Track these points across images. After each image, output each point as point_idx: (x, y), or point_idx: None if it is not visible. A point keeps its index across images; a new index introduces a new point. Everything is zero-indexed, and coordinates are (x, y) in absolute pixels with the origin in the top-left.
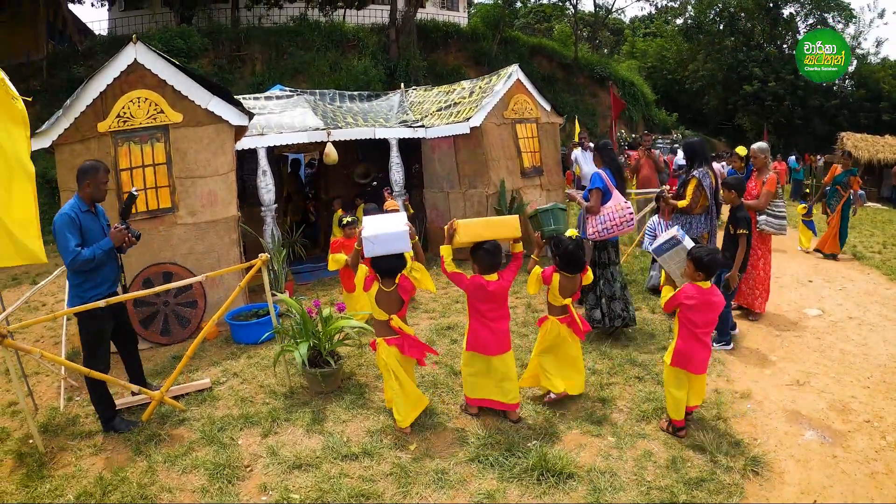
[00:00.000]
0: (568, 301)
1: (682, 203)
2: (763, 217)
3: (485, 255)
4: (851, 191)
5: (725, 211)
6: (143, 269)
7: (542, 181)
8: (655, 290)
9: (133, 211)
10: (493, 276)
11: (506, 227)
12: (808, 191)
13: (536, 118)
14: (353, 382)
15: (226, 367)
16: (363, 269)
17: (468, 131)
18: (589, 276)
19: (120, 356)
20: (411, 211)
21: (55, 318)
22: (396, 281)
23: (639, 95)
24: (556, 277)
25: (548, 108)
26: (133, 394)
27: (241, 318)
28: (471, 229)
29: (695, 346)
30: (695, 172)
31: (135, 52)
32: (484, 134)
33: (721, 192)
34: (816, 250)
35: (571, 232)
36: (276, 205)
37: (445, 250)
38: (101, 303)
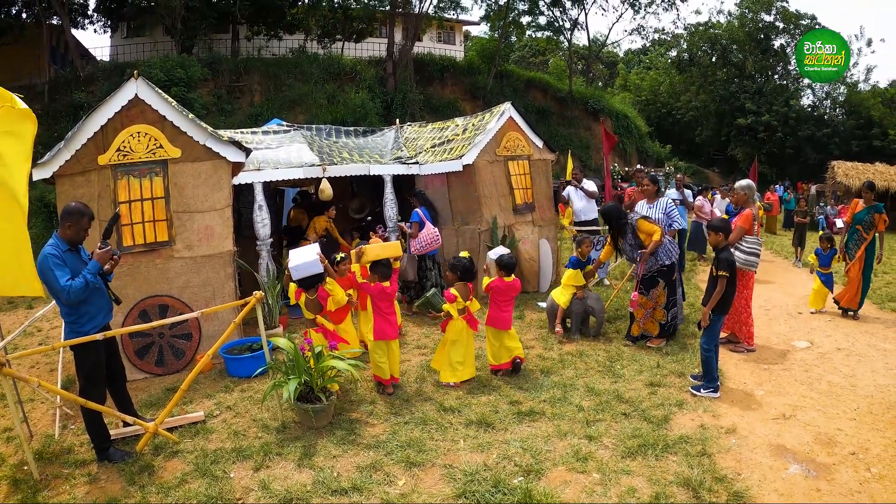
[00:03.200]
0: (467, 304)
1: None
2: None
3: (382, 268)
4: (876, 232)
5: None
6: (140, 301)
7: (533, 217)
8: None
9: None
10: (388, 283)
11: (393, 249)
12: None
13: (529, 155)
14: (344, 418)
15: (219, 401)
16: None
17: (461, 168)
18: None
19: (109, 391)
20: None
21: (53, 349)
22: (316, 292)
23: (632, 128)
24: (455, 290)
25: (540, 144)
26: (126, 424)
27: (235, 352)
28: (373, 251)
29: (499, 314)
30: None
31: (136, 88)
32: (476, 171)
33: (707, 234)
34: (835, 301)
35: (464, 253)
36: (271, 239)
37: (356, 267)
38: (99, 336)
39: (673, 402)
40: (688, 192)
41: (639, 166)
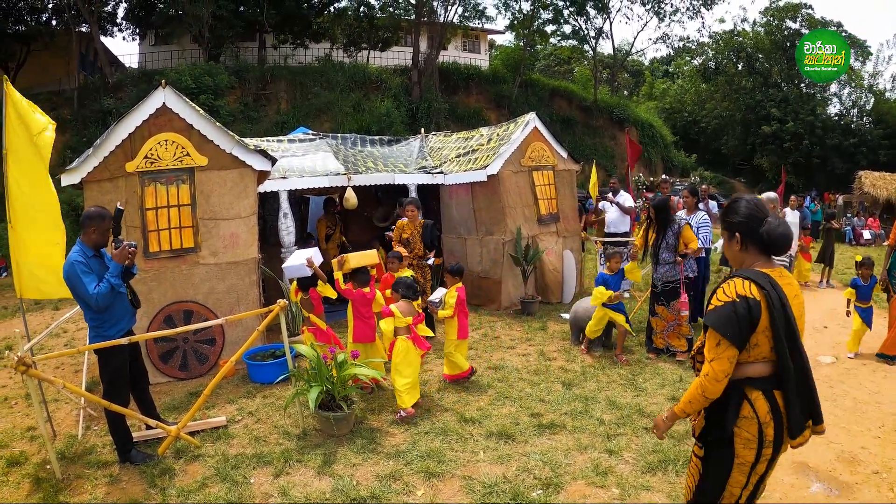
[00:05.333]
0: (409, 320)
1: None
2: None
3: (361, 275)
4: None
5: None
6: (165, 307)
7: (558, 228)
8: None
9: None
10: (367, 289)
11: (371, 258)
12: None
13: (553, 165)
14: (365, 427)
15: (241, 406)
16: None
17: (485, 178)
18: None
19: (132, 395)
20: (438, 261)
21: (78, 352)
22: (309, 293)
23: (657, 137)
24: (396, 307)
25: (564, 155)
26: (149, 427)
27: (258, 358)
28: (354, 259)
29: (464, 322)
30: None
31: (163, 97)
32: (501, 181)
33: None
34: (881, 356)
35: (408, 272)
36: (295, 246)
37: (338, 275)
38: (124, 340)
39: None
40: (712, 204)
41: (664, 176)
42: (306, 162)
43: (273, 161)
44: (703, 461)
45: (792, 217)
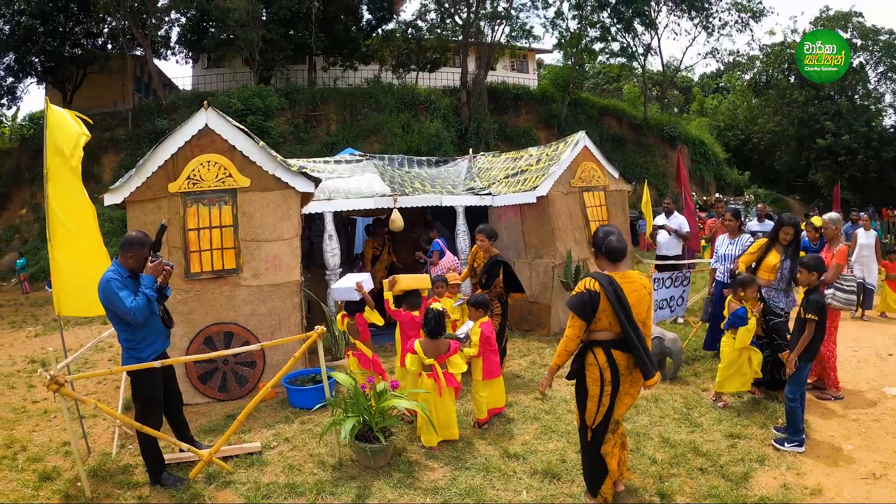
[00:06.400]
0: (431, 361)
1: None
2: (830, 291)
3: (413, 298)
4: None
5: None
6: (205, 328)
7: None
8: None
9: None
10: (416, 312)
11: (423, 281)
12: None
13: (604, 186)
14: (403, 459)
15: (278, 432)
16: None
17: (535, 200)
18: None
19: (165, 416)
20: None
21: (111, 373)
22: (355, 318)
23: (709, 155)
24: (419, 344)
25: (616, 175)
26: (182, 449)
27: (299, 382)
28: (405, 281)
29: (493, 358)
30: None
31: (206, 118)
32: (550, 203)
33: (798, 272)
34: None
35: (437, 305)
36: (340, 269)
37: (389, 295)
38: (156, 364)
39: (754, 456)
40: (769, 224)
41: (717, 195)
42: (352, 183)
43: (316, 183)
44: (576, 392)
45: (866, 239)
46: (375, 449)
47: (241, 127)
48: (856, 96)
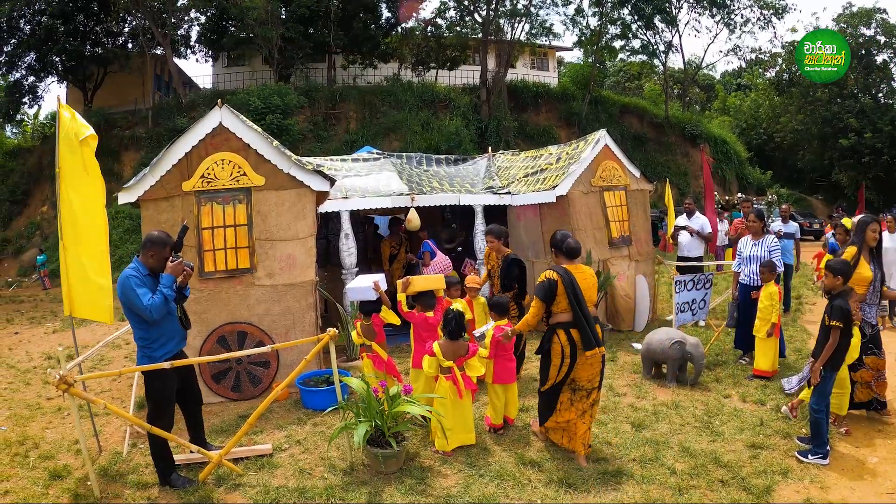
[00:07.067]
0: (450, 363)
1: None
2: None
3: (427, 299)
4: None
5: None
6: (219, 327)
7: (630, 251)
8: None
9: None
10: (430, 313)
11: (437, 282)
12: None
13: (625, 185)
14: (415, 465)
15: (290, 433)
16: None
17: (554, 199)
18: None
19: (182, 414)
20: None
21: (121, 374)
22: (371, 319)
23: (731, 154)
24: (438, 346)
25: (637, 174)
26: (192, 452)
27: (312, 384)
28: (419, 282)
29: (506, 364)
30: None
31: (220, 116)
32: (570, 202)
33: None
34: None
35: (455, 305)
36: (356, 268)
37: (402, 296)
38: (166, 365)
39: (777, 468)
40: (793, 225)
41: (740, 195)
42: (369, 182)
43: (332, 181)
44: (541, 363)
45: (891, 242)
46: (387, 454)
47: (254, 126)
48: (879, 94)
